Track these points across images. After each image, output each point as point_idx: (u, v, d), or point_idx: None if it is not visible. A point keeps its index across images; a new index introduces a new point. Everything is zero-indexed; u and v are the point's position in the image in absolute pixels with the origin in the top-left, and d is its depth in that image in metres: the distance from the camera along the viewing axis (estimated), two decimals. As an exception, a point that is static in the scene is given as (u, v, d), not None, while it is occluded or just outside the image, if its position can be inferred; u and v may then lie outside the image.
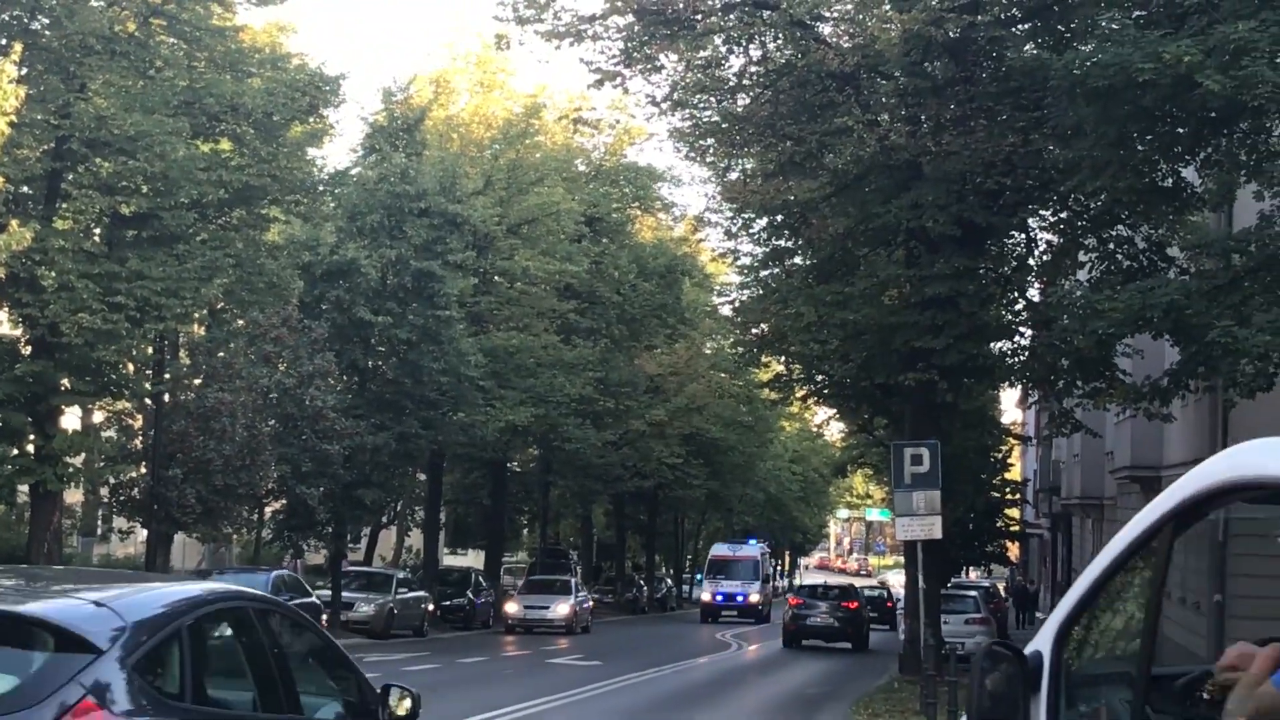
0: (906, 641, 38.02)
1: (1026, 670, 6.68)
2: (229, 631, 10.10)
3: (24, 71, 30.89)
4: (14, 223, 30.69)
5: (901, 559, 57.85)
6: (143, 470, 42.37)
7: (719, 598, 75.23)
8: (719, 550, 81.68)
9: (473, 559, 74.58)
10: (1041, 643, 6.73)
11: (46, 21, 36.98)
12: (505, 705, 28.55)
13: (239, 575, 37.86)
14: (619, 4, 35.68)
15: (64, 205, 36.76)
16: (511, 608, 57.05)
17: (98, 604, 8.88)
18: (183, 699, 8.84)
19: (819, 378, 42.82)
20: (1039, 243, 37.68)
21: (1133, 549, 6.69)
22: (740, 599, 78.80)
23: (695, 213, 58.23)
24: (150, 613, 9.06)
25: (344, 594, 51.39)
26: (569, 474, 72.25)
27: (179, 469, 40.92)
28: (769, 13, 35.70)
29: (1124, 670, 6.93)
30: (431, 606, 54.83)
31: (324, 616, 31.52)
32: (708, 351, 69.26)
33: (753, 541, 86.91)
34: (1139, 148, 28.51)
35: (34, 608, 8.85)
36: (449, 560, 69.83)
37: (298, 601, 30.98)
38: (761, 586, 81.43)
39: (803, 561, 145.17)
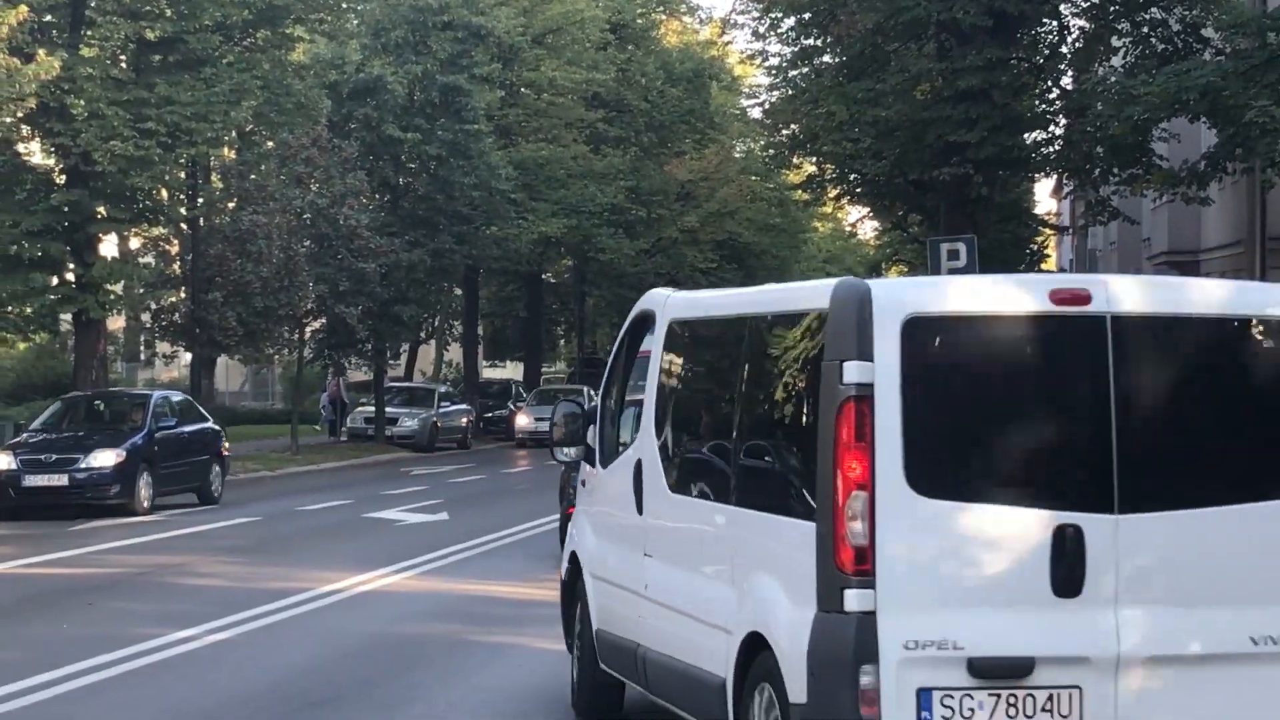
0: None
1: (588, 415, 13.01)
2: None
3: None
4: (41, 52, 31.20)
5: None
6: (183, 295, 42.99)
7: None
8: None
9: (511, 371, 75.50)
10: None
11: None
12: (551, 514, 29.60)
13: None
14: None
15: (89, 33, 37.17)
16: (521, 420, 55.11)
17: None
18: None
19: (852, 177, 42.77)
20: (1072, 29, 37.69)
21: (617, 348, 12.48)
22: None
23: (721, 14, 58.46)
24: None
25: (388, 410, 52.47)
26: (603, 284, 72.51)
27: (218, 292, 41.58)
28: None
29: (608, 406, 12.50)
30: (473, 418, 56.01)
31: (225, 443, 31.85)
32: (738, 155, 69.19)
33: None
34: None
35: None
36: (488, 373, 70.80)
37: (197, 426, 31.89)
38: None
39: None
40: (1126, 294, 8.07)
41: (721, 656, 8.92)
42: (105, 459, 27.77)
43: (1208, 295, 8.80)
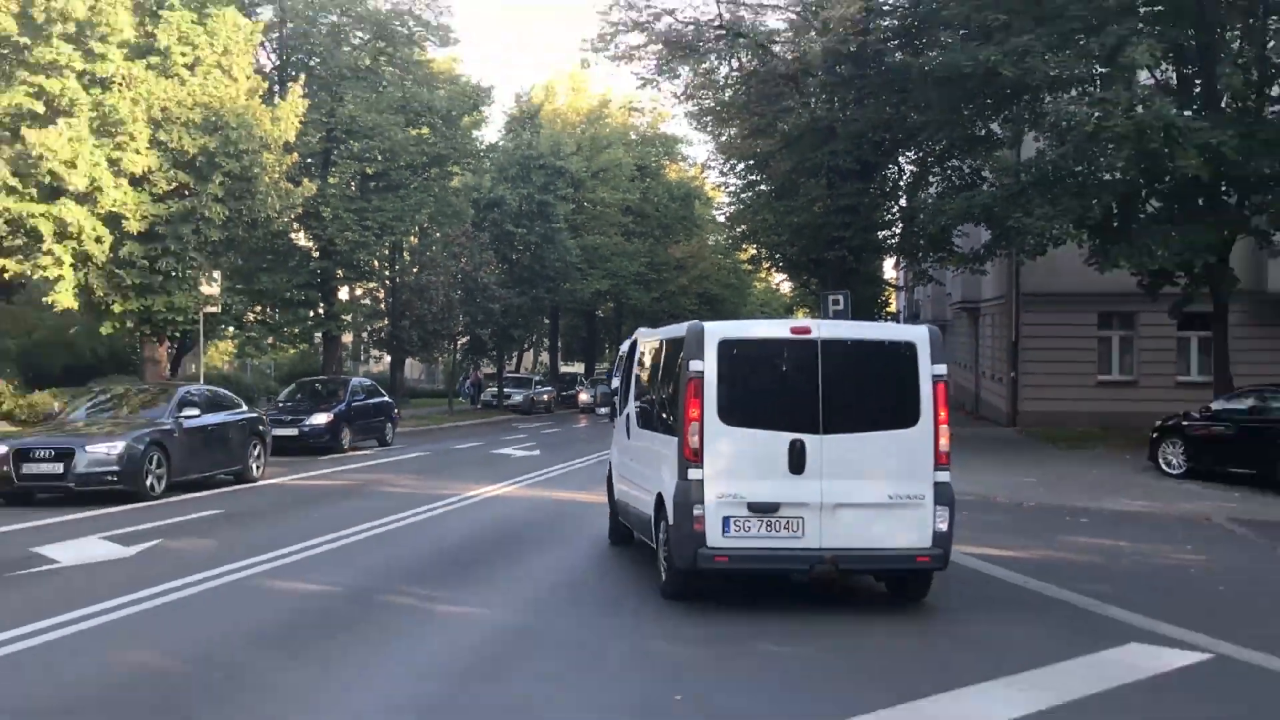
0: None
1: (614, 392, 14.41)
2: None
3: (305, 91, 31.64)
4: (305, 181, 31.59)
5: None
6: (385, 322, 43.56)
7: None
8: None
9: (577, 367, 75.56)
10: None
11: (318, 60, 37.74)
12: (601, 450, 30.01)
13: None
14: (653, 40, 36.28)
15: (334, 169, 37.59)
16: (582, 396, 55.66)
17: None
18: None
19: (776, 256, 42.70)
20: (905, 172, 37.99)
21: (624, 357, 13.80)
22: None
23: (701, 161, 58.70)
24: None
25: (505, 389, 52.88)
26: (631, 317, 72.75)
27: (406, 321, 42.12)
28: (743, 39, 36.21)
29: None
30: (554, 395, 56.23)
31: (396, 409, 31.62)
32: (710, 243, 69.10)
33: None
34: (964, 112, 28.92)
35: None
36: (564, 369, 70.89)
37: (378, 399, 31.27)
38: None
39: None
40: (827, 330, 10.43)
41: (650, 504, 11.41)
42: (321, 419, 27.77)
43: (866, 330, 11.50)
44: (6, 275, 27.34)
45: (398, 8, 39.20)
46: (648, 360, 12.58)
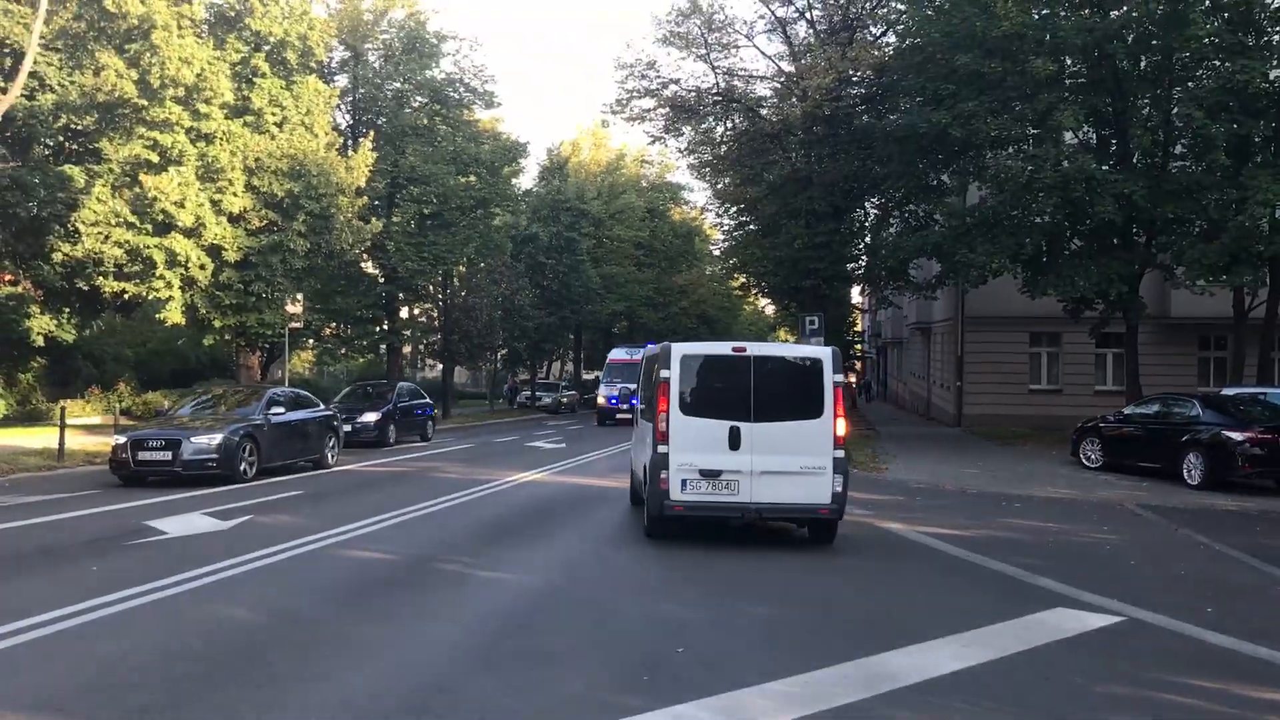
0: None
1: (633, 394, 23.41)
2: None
3: (374, 145, 31.73)
4: (373, 219, 31.68)
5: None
6: (438, 336, 43.50)
7: (612, 400, 42.70)
8: (616, 355, 45.92)
9: (597, 375, 75.24)
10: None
11: (385, 119, 37.83)
12: (622, 442, 30.00)
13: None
14: (661, 104, 36.34)
15: (397, 210, 37.64)
16: (601, 400, 54.01)
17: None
18: None
19: (762, 284, 42.99)
20: (870, 215, 37.95)
21: (643, 368, 14.46)
22: (634, 401, 40.09)
23: (700, 204, 58.70)
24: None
25: (537, 393, 52.77)
26: (643, 334, 72.58)
27: (455, 335, 42.10)
28: (736, 104, 36.29)
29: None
30: (577, 398, 55.99)
31: (434, 410, 30.81)
32: (708, 273, 68.93)
33: (651, 346, 40.99)
34: (919, 165, 28.93)
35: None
36: (586, 376, 70.76)
37: (420, 401, 29.69)
38: None
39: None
40: (759, 350, 12.22)
41: (641, 473, 13.42)
42: (370, 417, 26.88)
43: (786, 349, 12.95)
44: (126, 296, 27.46)
45: (451, 77, 39.32)
46: (643, 370, 14.45)
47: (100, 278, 26.38)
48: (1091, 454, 22.13)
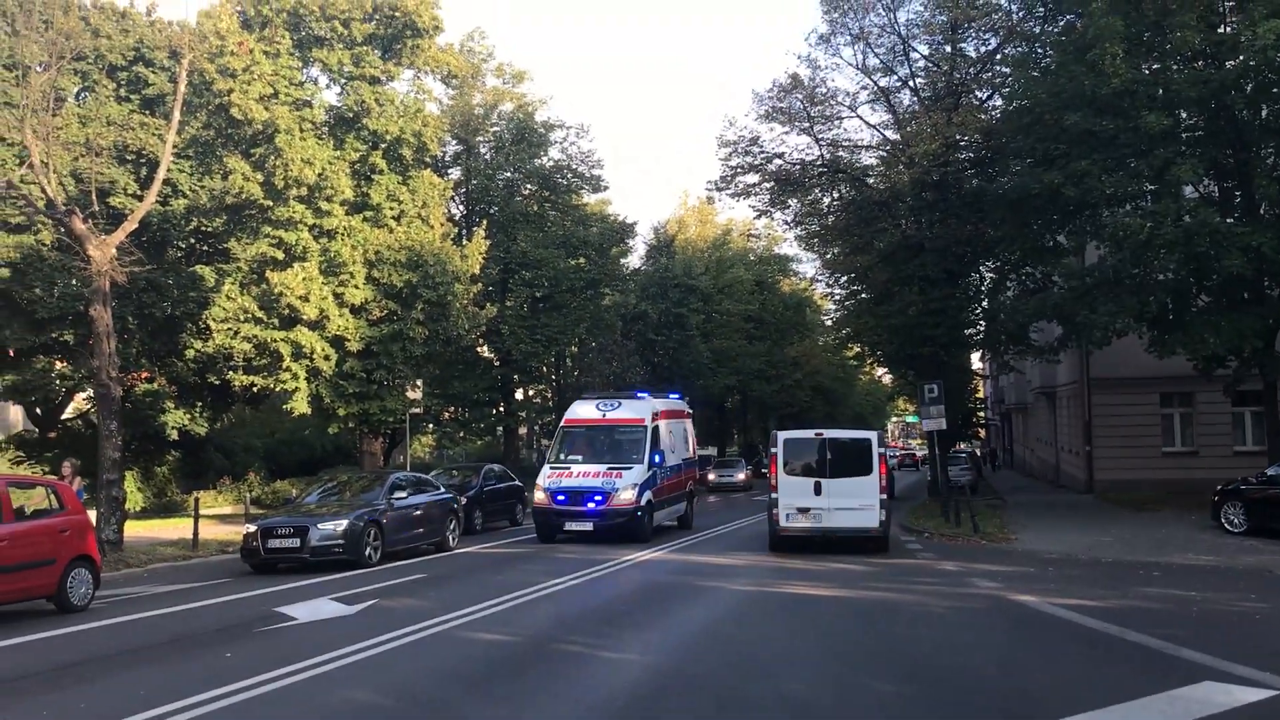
0: (930, 481, 37.95)
1: (763, 464, 33.48)
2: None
3: (487, 233, 32.49)
4: (488, 305, 32.30)
5: (925, 440, 57.30)
6: (552, 416, 43.86)
7: (559, 498, 21.83)
8: (579, 413, 24.01)
9: (710, 450, 74.79)
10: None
11: (496, 208, 38.84)
12: (743, 518, 29.67)
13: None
14: (766, 179, 36.52)
15: (510, 294, 38.45)
16: (711, 476, 49.68)
17: None
18: None
19: (877, 353, 42.48)
20: (985, 279, 37.34)
21: (770, 446, 21.58)
22: (596, 501, 21.76)
23: (810, 275, 58.41)
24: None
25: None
26: (755, 408, 72.42)
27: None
28: (842, 175, 36.28)
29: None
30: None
31: (525, 493, 27.92)
32: (820, 343, 68.62)
33: (643, 395, 24.87)
34: (1033, 227, 28.42)
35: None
36: (700, 452, 70.28)
37: (509, 484, 28.22)
38: (648, 475, 22.42)
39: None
40: (830, 433, 19.76)
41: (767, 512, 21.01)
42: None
43: (848, 433, 20.75)
44: (255, 388, 28.48)
45: (559, 164, 40.32)
46: (782, 447, 20.27)
47: (230, 372, 27.45)
48: (1234, 518, 21.13)
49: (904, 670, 9.43)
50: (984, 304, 37.20)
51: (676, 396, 27.05)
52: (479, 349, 38.38)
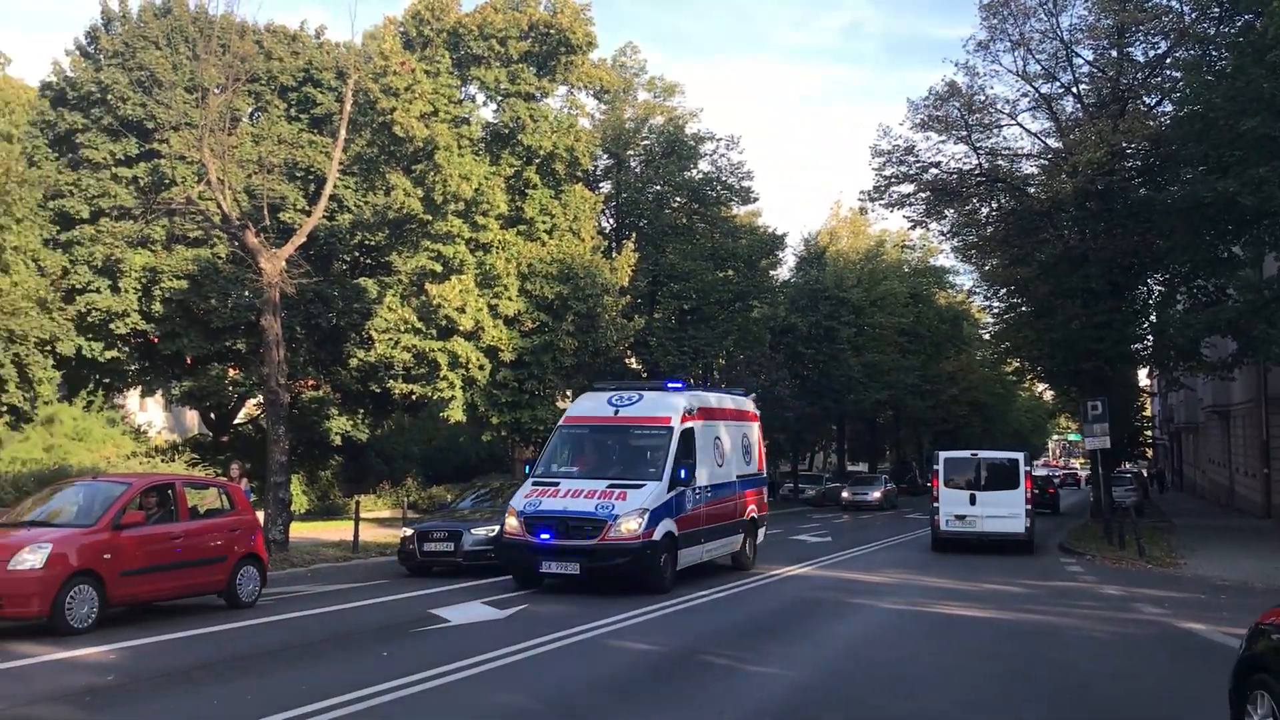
0: (1093, 501, 36.68)
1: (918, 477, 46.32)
2: None
3: (636, 246, 32.71)
4: (636, 316, 32.49)
5: (1088, 459, 55.32)
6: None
7: (543, 534, 15.16)
8: (583, 408, 17.41)
9: (862, 466, 73.80)
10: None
11: (645, 221, 39.13)
12: (893, 535, 29.17)
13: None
14: (921, 189, 35.89)
15: (658, 306, 38.68)
16: (845, 494, 47.99)
17: None
18: None
19: (1038, 368, 41.30)
20: (1154, 291, 35.89)
21: (931, 462, 29.55)
22: (586, 532, 15.05)
23: (967, 288, 57.02)
24: None
25: (800, 484, 52.22)
26: (908, 424, 71.18)
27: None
28: (1001, 184, 35.35)
29: None
30: (833, 490, 54.73)
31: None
32: (978, 358, 66.99)
33: (676, 385, 18.30)
34: (1206, 237, 27.25)
35: None
36: (851, 468, 69.51)
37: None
38: (669, 498, 15.63)
39: (1036, 463, 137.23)
40: (984, 454, 24.10)
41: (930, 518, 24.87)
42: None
43: (999, 454, 24.60)
44: (414, 397, 29.44)
45: (709, 176, 40.44)
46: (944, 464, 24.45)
47: (391, 380, 28.42)
48: None
49: (1060, 697, 9.13)
50: (1152, 318, 35.69)
51: (740, 393, 20.64)
52: (627, 360, 38.74)
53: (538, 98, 29.43)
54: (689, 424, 16.53)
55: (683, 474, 15.77)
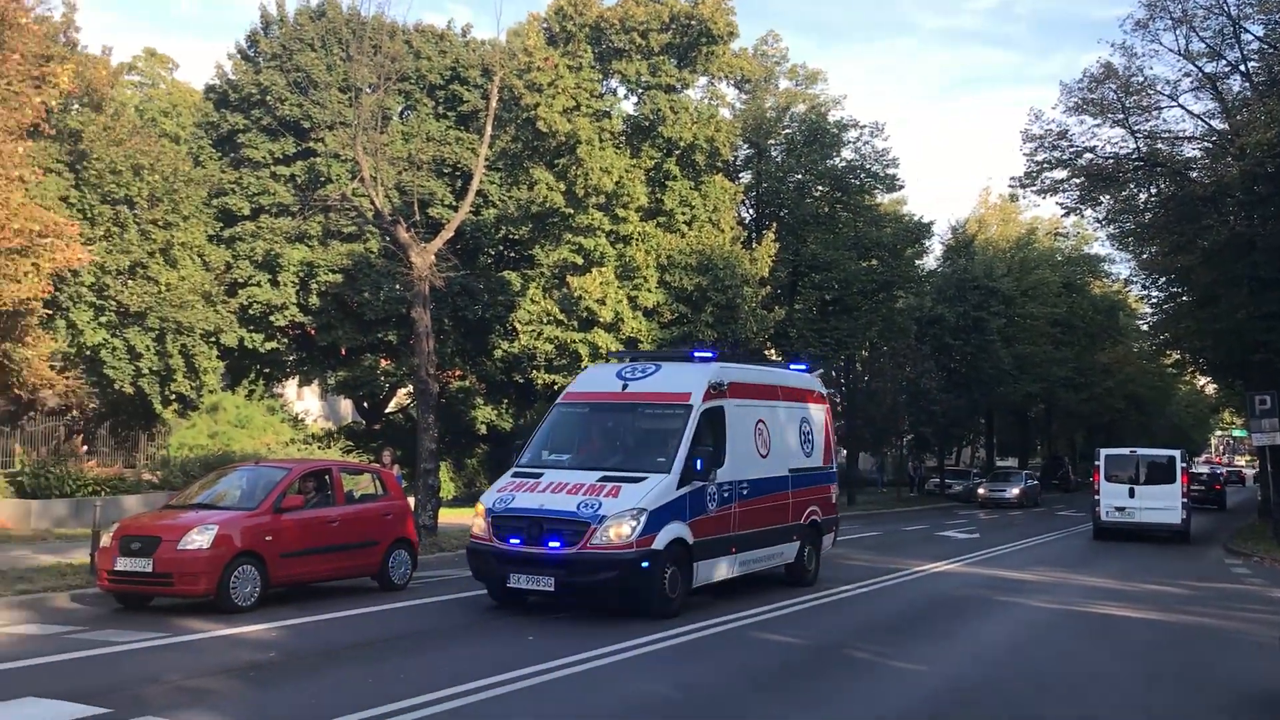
0: (1261, 500, 34.97)
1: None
2: None
3: (776, 236, 32.41)
4: (776, 307, 32.12)
5: (1254, 456, 52.56)
6: (842, 422, 43.17)
7: (512, 539, 12.05)
8: (590, 382, 14.58)
9: (1011, 461, 71.57)
10: None
11: (786, 210, 38.79)
12: (1047, 532, 28.47)
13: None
14: (1075, 174, 34.65)
15: (798, 297, 38.32)
16: (980, 491, 45.26)
17: None
18: None
19: (1200, 360, 39.68)
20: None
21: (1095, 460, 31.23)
22: (563, 538, 11.77)
23: (1124, 276, 54.74)
24: None
25: (946, 479, 51.09)
26: (1060, 418, 68.92)
27: (859, 420, 41.90)
28: (1160, 168, 33.86)
29: None
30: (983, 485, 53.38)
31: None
32: (1135, 349, 64.30)
33: (704, 355, 14.35)
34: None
35: None
36: (1000, 463, 67.48)
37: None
38: (680, 494, 12.29)
39: (1195, 460, 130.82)
40: (1142, 451, 26.69)
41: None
42: None
43: (1158, 452, 26.88)
44: (555, 387, 29.86)
45: (851, 164, 39.85)
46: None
47: (533, 371, 28.93)
48: None
49: (1224, 702, 8.72)
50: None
51: (802, 368, 17.05)
52: (767, 352, 38.49)
53: (678, 89, 29.49)
54: (715, 403, 13.23)
55: (699, 465, 12.40)
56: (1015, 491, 43.91)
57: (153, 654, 9.71)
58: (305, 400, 48.18)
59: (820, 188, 39.71)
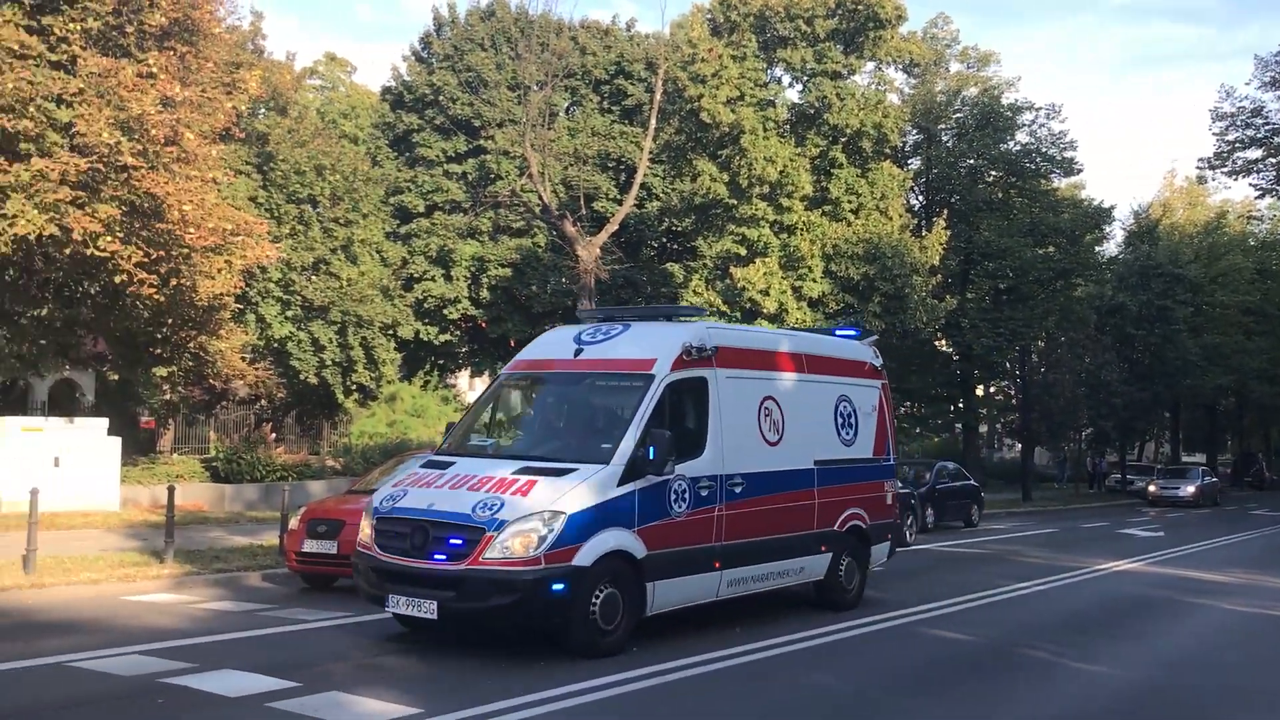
0: None
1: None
2: None
3: (947, 223, 31.30)
4: (947, 297, 31.31)
5: None
6: (1016, 415, 42.02)
7: (387, 538, 9.20)
8: (543, 349, 11.13)
9: (1198, 457, 67.81)
10: None
11: (957, 197, 37.77)
12: (1242, 531, 26.98)
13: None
14: (1271, 153, 32.73)
15: (971, 286, 37.29)
16: (1151, 488, 42.20)
17: None
18: None
19: None
20: None
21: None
22: (452, 548, 8.68)
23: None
24: None
25: (1128, 476, 48.90)
26: (1253, 412, 64.92)
27: (1035, 413, 40.40)
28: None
29: None
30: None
31: (981, 493, 27.23)
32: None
33: (689, 318, 11.68)
34: None
35: None
36: (1186, 459, 64.04)
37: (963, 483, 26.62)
38: (623, 493, 9.12)
39: None
40: None
41: None
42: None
43: None
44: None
45: (1027, 148, 38.58)
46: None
47: (698, 363, 29.05)
48: None
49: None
50: None
51: (851, 334, 13.85)
52: (937, 343, 37.66)
53: (844, 75, 29.11)
54: (693, 373, 10.12)
55: (651, 453, 9.30)
56: (1190, 489, 41.01)
57: (337, 632, 10.15)
58: (477, 390, 49.51)
59: (993, 173, 38.57)
